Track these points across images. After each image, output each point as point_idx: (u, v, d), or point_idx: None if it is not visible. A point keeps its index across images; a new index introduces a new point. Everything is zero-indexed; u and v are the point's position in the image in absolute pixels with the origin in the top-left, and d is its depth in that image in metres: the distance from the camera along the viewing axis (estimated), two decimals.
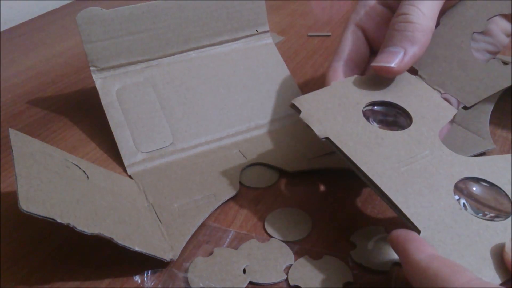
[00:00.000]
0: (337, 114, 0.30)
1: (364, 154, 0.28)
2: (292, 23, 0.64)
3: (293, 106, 0.31)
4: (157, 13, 0.42)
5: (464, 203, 0.26)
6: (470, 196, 0.27)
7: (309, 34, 0.61)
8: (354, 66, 0.36)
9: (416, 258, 0.23)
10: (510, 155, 0.29)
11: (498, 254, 0.24)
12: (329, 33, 0.61)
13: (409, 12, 0.31)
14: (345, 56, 0.36)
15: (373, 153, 0.28)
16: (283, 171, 0.37)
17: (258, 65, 0.45)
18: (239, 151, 0.39)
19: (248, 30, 0.45)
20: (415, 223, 0.25)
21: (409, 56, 0.31)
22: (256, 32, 0.46)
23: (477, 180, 0.28)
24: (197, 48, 0.44)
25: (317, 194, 0.35)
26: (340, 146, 0.28)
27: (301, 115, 0.30)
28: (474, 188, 0.27)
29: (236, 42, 0.45)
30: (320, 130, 0.29)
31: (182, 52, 0.43)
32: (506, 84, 0.32)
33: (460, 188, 0.27)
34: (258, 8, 0.45)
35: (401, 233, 0.25)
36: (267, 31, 0.46)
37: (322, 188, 0.36)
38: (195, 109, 0.41)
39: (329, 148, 0.29)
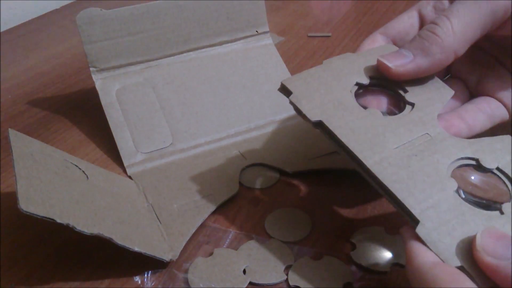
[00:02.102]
0: (330, 96, 0.29)
1: (359, 141, 0.26)
2: (292, 24, 0.64)
3: (283, 88, 0.29)
4: (157, 14, 0.42)
5: (462, 192, 0.26)
6: (468, 184, 0.26)
7: (309, 34, 0.61)
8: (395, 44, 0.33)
9: (420, 260, 0.22)
10: (508, 136, 0.28)
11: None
12: (329, 34, 0.61)
13: (439, 23, 0.29)
14: (391, 31, 0.33)
15: (368, 138, 0.27)
16: (283, 171, 0.37)
17: (257, 65, 0.45)
18: (239, 151, 0.39)
19: (247, 31, 0.45)
20: (414, 213, 0.24)
21: (414, 64, 0.29)
22: (256, 32, 0.46)
23: (475, 167, 0.27)
24: (197, 49, 0.44)
25: (317, 194, 0.35)
26: (334, 131, 0.27)
27: (291, 97, 0.28)
28: (473, 177, 0.27)
29: (235, 42, 0.45)
30: (311, 113, 0.27)
31: (181, 52, 0.43)
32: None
33: (458, 175, 0.26)
34: (258, 8, 0.45)
35: (411, 231, 0.24)
36: (267, 32, 0.46)
37: (322, 188, 0.36)
38: (195, 109, 0.41)
39: (328, 148, 0.28)
